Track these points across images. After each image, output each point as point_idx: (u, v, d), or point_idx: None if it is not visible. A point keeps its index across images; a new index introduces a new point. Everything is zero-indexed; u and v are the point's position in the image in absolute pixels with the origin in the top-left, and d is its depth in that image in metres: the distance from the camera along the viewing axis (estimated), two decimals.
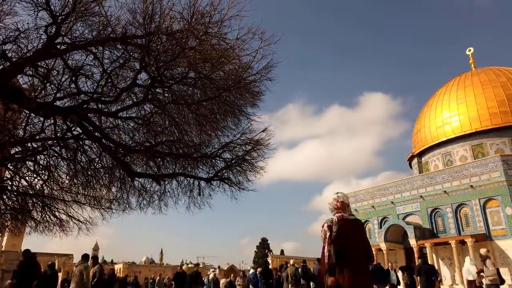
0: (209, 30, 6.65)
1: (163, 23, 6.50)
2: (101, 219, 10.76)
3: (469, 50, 42.62)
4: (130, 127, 8.58)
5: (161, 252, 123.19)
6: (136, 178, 9.10)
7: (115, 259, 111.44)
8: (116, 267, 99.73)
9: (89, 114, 7.57)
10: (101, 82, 7.59)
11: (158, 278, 26.25)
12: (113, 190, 9.76)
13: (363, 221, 35.02)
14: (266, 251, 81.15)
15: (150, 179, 9.19)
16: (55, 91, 7.61)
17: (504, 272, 24.78)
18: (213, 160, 9.12)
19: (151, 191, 9.57)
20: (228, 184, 9.12)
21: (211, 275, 20.54)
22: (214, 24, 6.61)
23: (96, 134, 7.77)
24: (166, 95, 7.87)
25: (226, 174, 9.16)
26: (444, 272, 28.02)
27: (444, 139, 36.69)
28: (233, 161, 8.97)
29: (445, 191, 29.04)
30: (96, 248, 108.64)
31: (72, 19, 6.38)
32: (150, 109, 8.36)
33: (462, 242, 26.29)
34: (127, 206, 9.95)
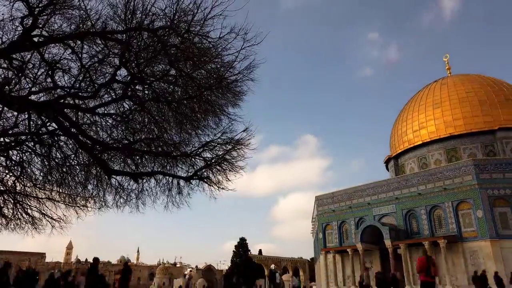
0: (192, 28, 6.59)
1: (144, 20, 6.41)
2: (76, 217, 10.52)
3: (446, 57, 43.92)
4: (108, 123, 8.42)
5: (138, 251, 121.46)
6: (113, 176, 8.93)
7: (89, 258, 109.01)
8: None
9: (65, 110, 7.39)
10: (79, 77, 7.42)
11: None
12: (89, 187, 9.55)
13: (340, 221, 35.53)
14: (244, 250, 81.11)
15: (128, 177, 9.04)
16: (30, 85, 7.40)
17: (472, 271, 25.62)
18: (193, 159, 9.05)
19: (129, 189, 9.42)
20: (208, 183, 9.06)
21: (187, 276, 20.24)
22: (197, 22, 6.56)
23: (72, 130, 7.59)
24: (146, 92, 7.77)
25: (205, 173, 9.11)
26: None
27: (420, 142, 37.62)
28: (213, 160, 8.92)
29: (419, 193, 29.79)
30: (70, 247, 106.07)
31: (49, 11, 6.21)
32: (129, 106, 8.23)
33: (435, 243, 27.02)
34: (103, 204, 9.77)
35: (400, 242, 28.38)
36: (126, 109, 8.24)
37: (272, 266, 65.44)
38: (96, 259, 11.69)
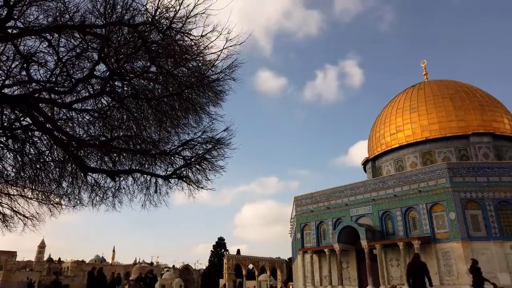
0: (174, 25, 6.52)
1: (125, 14, 6.30)
2: (49, 215, 10.23)
3: (423, 62, 45.09)
4: (85, 119, 8.23)
5: (113, 250, 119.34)
6: (89, 173, 8.74)
7: (63, 257, 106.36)
8: (64, 265, 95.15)
9: (40, 104, 7.17)
10: (55, 71, 7.22)
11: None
12: (63, 185, 9.29)
13: (318, 222, 35.91)
14: (223, 250, 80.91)
15: (105, 175, 8.85)
16: (3, 78, 7.14)
17: (445, 272, 26.42)
18: (172, 158, 8.96)
19: (105, 187, 9.23)
20: (187, 182, 8.98)
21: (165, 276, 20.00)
22: (179, 19, 6.49)
23: (47, 125, 7.37)
24: (125, 88, 7.63)
25: (185, 172, 9.03)
26: (392, 272, 29.37)
27: (397, 145, 38.48)
28: (192, 159, 8.85)
29: (395, 195, 30.46)
30: (42, 246, 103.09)
31: (26, 2, 6.01)
32: (107, 102, 8.07)
33: (409, 244, 27.68)
34: (78, 202, 9.53)
35: (376, 243, 28.92)
36: (104, 105, 8.07)
37: (250, 266, 65.56)
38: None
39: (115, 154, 8.59)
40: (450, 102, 36.85)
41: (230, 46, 6.82)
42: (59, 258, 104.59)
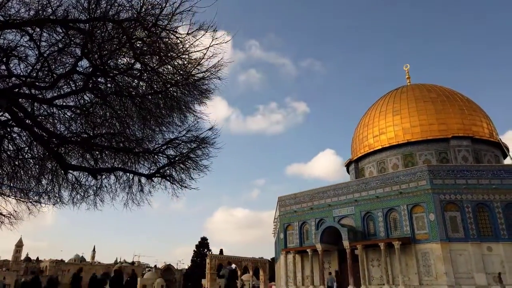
0: (159, 22, 6.44)
1: (110, 10, 6.20)
2: (28, 213, 9.98)
3: (406, 66, 45.92)
4: (66, 116, 8.06)
5: (94, 250, 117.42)
6: (70, 171, 8.56)
7: (41, 256, 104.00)
8: (42, 265, 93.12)
9: (20, 99, 6.99)
10: (36, 66, 7.05)
11: None
12: (43, 182, 9.08)
13: (301, 222, 36.16)
14: (205, 250, 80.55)
15: (86, 173, 8.69)
16: None
17: (424, 272, 26.95)
18: (156, 156, 8.86)
19: (86, 185, 9.05)
20: (170, 181, 8.90)
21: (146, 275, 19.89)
22: (164, 16, 6.42)
23: (27, 121, 7.19)
24: (109, 85, 7.51)
25: (168, 171, 8.94)
26: (373, 272, 29.79)
27: (380, 147, 39.07)
28: (176, 158, 8.77)
29: (377, 196, 30.92)
30: (19, 244, 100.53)
31: None
32: (90, 99, 7.92)
33: (390, 245, 28.15)
34: (58, 200, 9.31)
35: (357, 243, 29.29)
36: (86, 101, 7.92)
37: (233, 266, 65.46)
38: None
39: (97, 152, 8.45)
40: (432, 106, 37.63)
41: (216, 44, 6.79)
42: (37, 258, 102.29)
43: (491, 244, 26.25)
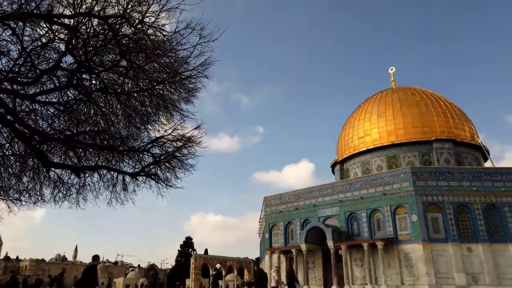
0: (146, 19, 6.39)
1: (95, 5, 6.11)
2: (8, 211, 9.76)
3: (391, 69, 46.55)
4: (49, 112, 7.91)
5: (76, 249, 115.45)
6: (52, 169, 8.41)
7: (21, 255, 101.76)
8: (22, 264, 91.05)
9: (1, 95, 6.83)
10: (18, 60, 6.90)
11: None
12: (24, 180, 8.89)
13: (286, 222, 36.31)
14: (190, 250, 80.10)
15: (69, 171, 8.55)
16: None
17: (406, 272, 27.40)
18: (141, 155, 8.78)
19: (69, 183, 8.92)
20: (155, 180, 8.84)
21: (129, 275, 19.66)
22: (151, 13, 6.37)
23: (8, 117, 7.03)
24: (93, 82, 7.41)
25: (153, 170, 8.88)
26: (356, 272, 30.13)
27: (364, 149, 39.53)
28: (162, 157, 8.72)
29: (361, 197, 31.29)
30: None
31: None
32: (73, 96, 7.79)
33: (373, 245, 28.52)
34: (39, 198, 9.13)
35: (341, 243, 29.57)
36: (70, 98, 7.79)
37: (218, 266, 65.30)
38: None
39: (80, 150, 8.32)
40: (416, 109, 38.27)
41: (204, 42, 6.77)
42: (17, 257, 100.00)
43: (471, 245, 26.84)
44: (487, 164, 38.76)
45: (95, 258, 10.89)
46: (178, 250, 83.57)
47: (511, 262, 26.21)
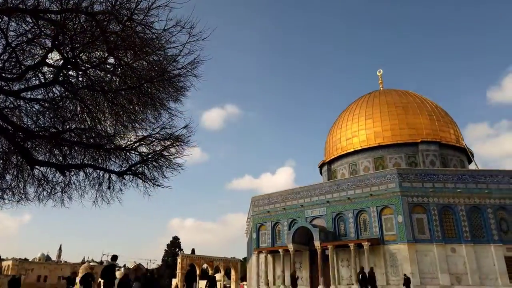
0: (135, 16, 6.32)
1: (82, 1, 6.02)
2: None
3: (379, 72, 47.05)
4: (34, 109, 7.77)
5: (60, 249, 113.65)
6: (37, 167, 8.26)
7: (3, 254, 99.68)
8: (4, 264, 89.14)
9: None
10: (3, 56, 6.75)
11: None
12: (7, 178, 8.70)
13: (274, 222, 36.38)
14: (177, 250, 79.57)
15: (54, 169, 8.41)
16: None
17: (391, 272, 27.72)
18: (128, 153, 8.69)
19: (54, 181, 8.76)
20: (142, 179, 8.74)
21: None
22: (140, 11, 6.31)
23: None
24: (80, 79, 7.31)
25: (140, 169, 8.79)
26: (342, 272, 30.35)
27: (352, 150, 39.86)
28: (149, 156, 8.64)
29: (349, 198, 31.54)
30: None
31: None
32: (59, 93, 7.67)
33: (360, 246, 28.77)
34: (23, 196, 8.95)
35: (328, 244, 29.75)
36: (56, 95, 7.66)
37: (205, 266, 65.03)
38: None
39: (66, 147, 8.19)
40: (403, 111, 38.75)
41: (193, 41, 6.73)
42: None
43: (455, 246, 27.30)
44: (471, 166, 39.49)
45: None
46: (165, 250, 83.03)
47: (493, 262, 26.75)
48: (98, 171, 8.76)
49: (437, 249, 27.02)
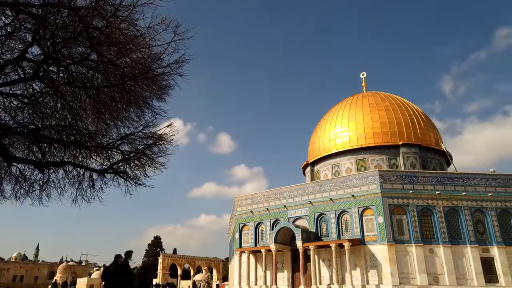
0: (119, 13, 6.23)
1: None
2: None
3: (363, 74, 47.68)
4: (12, 105, 7.57)
5: (37, 248, 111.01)
6: (14, 164, 8.04)
7: None
8: None
9: None
10: None
11: None
12: None
13: (257, 222, 36.44)
14: (158, 249, 78.77)
15: (32, 166, 8.21)
16: None
17: (372, 273, 28.15)
18: (109, 151, 8.56)
19: (32, 179, 8.56)
20: (124, 178, 8.63)
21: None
22: (125, 7, 6.22)
23: None
24: (61, 75, 7.15)
25: (122, 167, 8.67)
26: (324, 272, 30.63)
27: (335, 151, 40.30)
28: (131, 154, 8.53)
29: (331, 199, 31.86)
30: None
31: None
32: (39, 88, 7.49)
33: (341, 246, 29.09)
34: None
35: (310, 244, 29.98)
36: (36, 91, 7.48)
37: (186, 265, 64.60)
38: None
39: (45, 144, 8.01)
40: (385, 114, 39.40)
41: (178, 39, 6.68)
42: None
43: (433, 247, 27.92)
44: (450, 169, 40.45)
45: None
46: (146, 249, 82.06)
47: (469, 263, 27.47)
48: (79, 169, 8.60)
49: (416, 250, 27.56)
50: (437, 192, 29.30)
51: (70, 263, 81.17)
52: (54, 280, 61.78)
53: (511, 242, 28.54)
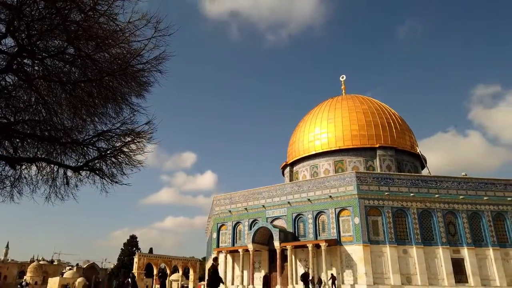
0: (98, 6, 6.10)
1: None
2: None
3: (342, 77, 48.39)
4: None
5: (7, 246, 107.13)
6: None
7: None
8: None
9: None
10: None
11: None
12: None
13: (235, 222, 36.38)
14: (134, 249, 77.43)
15: (3, 162, 7.92)
16: None
17: (348, 273, 28.60)
18: (85, 148, 8.35)
19: (3, 175, 8.26)
20: (100, 175, 8.44)
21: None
22: (104, 1, 6.09)
23: None
24: (36, 68, 6.94)
25: (98, 165, 8.48)
26: (300, 272, 30.85)
27: (314, 152, 40.74)
28: (108, 152, 8.35)
29: (309, 199, 32.17)
30: None
31: None
32: (13, 81, 7.24)
33: (318, 246, 29.44)
34: None
35: (287, 244, 30.18)
36: (8, 83, 7.23)
37: (162, 265, 63.81)
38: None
39: (17, 140, 7.75)
40: (363, 116, 40.11)
41: (159, 36, 6.60)
42: None
43: (407, 247, 28.62)
44: (424, 172, 41.55)
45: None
46: (121, 248, 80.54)
47: (441, 264, 28.30)
48: (52, 165, 8.36)
49: (390, 251, 28.17)
50: (412, 194, 30.04)
51: (41, 262, 78.85)
52: (22, 281, 59.90)
53: (480, 243, 29.60)
